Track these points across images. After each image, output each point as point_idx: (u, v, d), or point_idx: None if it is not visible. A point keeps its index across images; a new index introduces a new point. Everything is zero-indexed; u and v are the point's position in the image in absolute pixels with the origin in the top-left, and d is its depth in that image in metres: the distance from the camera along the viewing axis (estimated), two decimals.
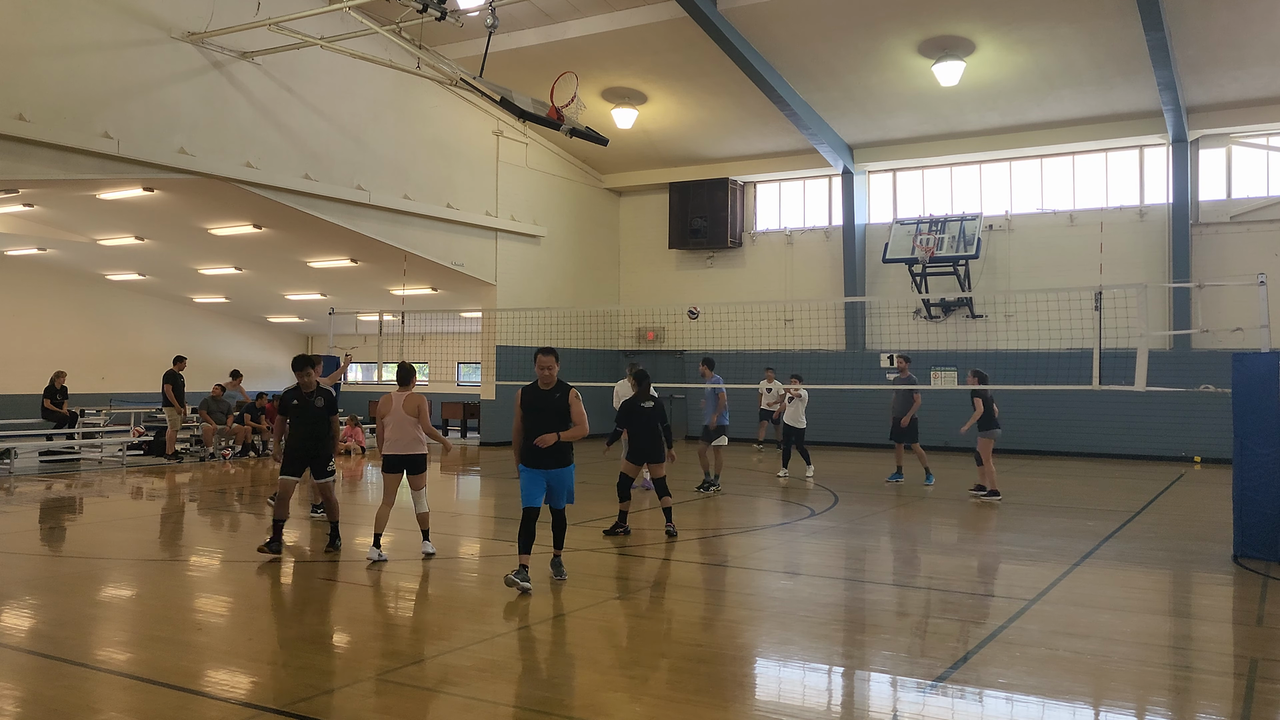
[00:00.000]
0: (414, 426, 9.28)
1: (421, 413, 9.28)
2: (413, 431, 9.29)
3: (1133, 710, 5.57)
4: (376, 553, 9.12)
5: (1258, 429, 9.50)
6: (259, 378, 30.57)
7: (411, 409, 9.27)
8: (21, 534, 10.94)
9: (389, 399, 9.33)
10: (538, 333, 23.00)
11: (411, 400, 9.30)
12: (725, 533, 11.24)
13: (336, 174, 18.80)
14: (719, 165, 24.80)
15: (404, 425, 9.26)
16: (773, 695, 5.82)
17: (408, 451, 9.30)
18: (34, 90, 14.32)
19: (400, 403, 9.29)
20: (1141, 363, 11.46)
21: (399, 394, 9.33)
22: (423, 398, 9.37)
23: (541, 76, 16.17)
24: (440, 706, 5.38)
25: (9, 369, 24.10)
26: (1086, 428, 20.62)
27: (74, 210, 20.55)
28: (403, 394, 9.34)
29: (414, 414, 9.26)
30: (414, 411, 9.27)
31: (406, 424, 9.26)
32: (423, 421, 9.30)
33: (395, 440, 9.29)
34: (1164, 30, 16.42)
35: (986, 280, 22.31)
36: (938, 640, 6.91)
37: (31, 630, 6.92)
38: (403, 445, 9.28)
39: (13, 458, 16.75)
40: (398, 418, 9.26)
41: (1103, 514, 12.64)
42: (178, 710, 5.29)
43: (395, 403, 9.30)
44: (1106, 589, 8.47)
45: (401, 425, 9.26)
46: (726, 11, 18.07)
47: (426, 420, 9.33)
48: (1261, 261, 18.35)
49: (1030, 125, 21.32)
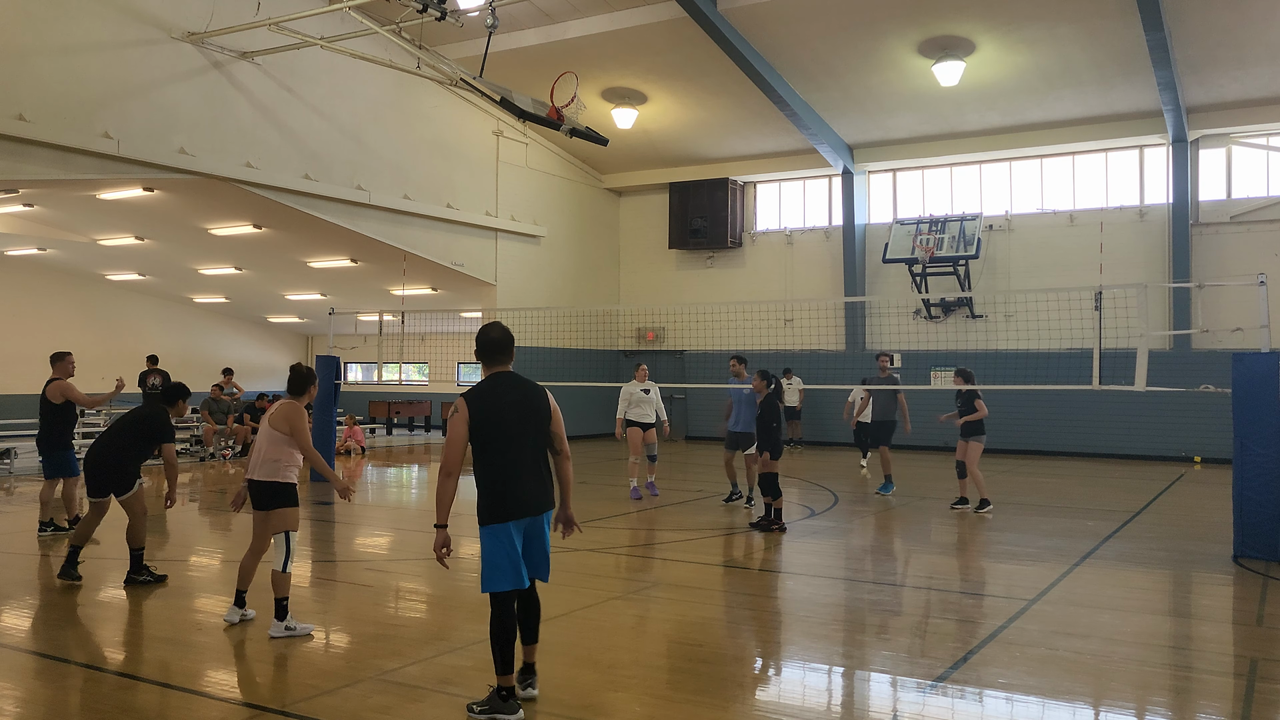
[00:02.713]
0: (280, 446, 6.82)
1: (296, 430, 6.82)
2: (276, 453, 6.83)
3: (1133, 710, 5.56)
4: (237, 613, 6.97)
5: (1258, 429, 9.51)
6: (259, 378, 30.59)
7: (281, 423, 6.82)
8: (21, 534, 10.94)
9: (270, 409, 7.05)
10: (538, 333, 22.98)
11: (283, 412, 6.86)
12: (725, 533, 11.24)
13: (336, 174, 18.80)
14: (719, 165, 24.80)
15: (270, 444, 6.84)
16: (773, 695, 5.82)
17: (266, 478, 6.81)
18: (34, 90, 14.32)
19: (269, 415, 6.92)
20: (1141, 363, 11.44)
21: (281, 404, 6.97)
22: (301, 410, 6.97)
23: (541, 76, 16.17)
24: (440, 706, 5.37)
25: (9, 369, 24.10)
26: (1086, 428, 20.62)
27: (74, 210, 20.54)
28: (287, 405, 6.94)
29: (284, 430, 6.82)
30: (283, 427, 6.82)
31: (272, 443, 6.83)
32: (298, 440, 6.84)
33: (254, 463, 6.89)
34: (1164, 30, 16.41)
35: (986, 280, 22.31)
36: (938, 640, 6.91)
37: (31, 630, 6.92)
38: (262, 470, 6.82)
39: (13, 458, 16.76)
40: (263, 433, 6.91)
41: (1103, 514, 12.63)
42: (178, 710, 5.29)
43: (267, 415, 6.96)
44: (1106, 589, 8.47)
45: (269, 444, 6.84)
46: (726, 11, 18.07)
47: (305, 439, 6.86)
48: (1261, 261, 18.36)
49: (1030, 125, 21.32)
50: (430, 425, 29.47)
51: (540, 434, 5.27)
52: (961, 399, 12.76)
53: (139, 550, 8.26)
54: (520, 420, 5.20)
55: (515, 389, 5.26)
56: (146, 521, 8.45)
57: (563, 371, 22.61)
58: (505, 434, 5.15)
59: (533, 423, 5.24)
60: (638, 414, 13.77)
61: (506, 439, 5.16)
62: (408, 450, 22.98)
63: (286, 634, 6.59)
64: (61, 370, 10.97)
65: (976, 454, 12.64)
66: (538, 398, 5.29)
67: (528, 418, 5.22)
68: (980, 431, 12.64)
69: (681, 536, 10.66)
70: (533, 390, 5.28)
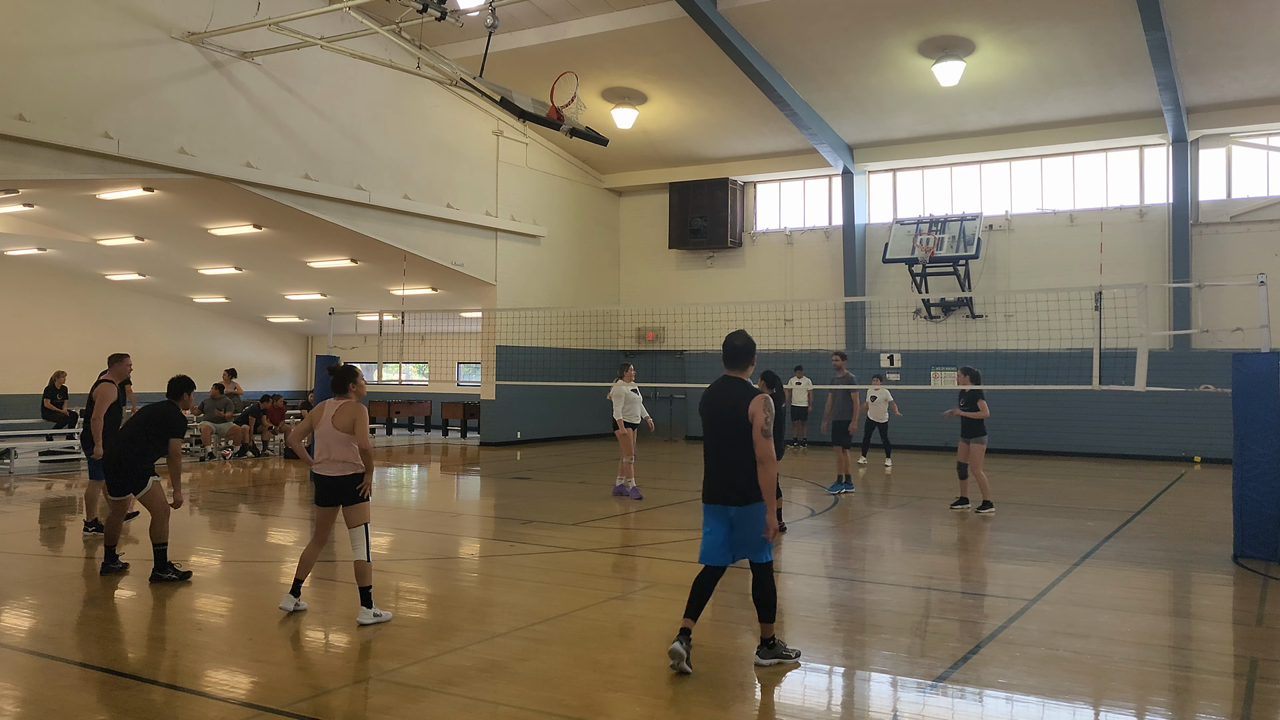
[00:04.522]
0: (348, 444, 7.12)
1: (359, 427, 7.12)
2: (344, 452, 7.13)
3: (1133, 710, 5.57)
4: (292, 601, 7.26)
5: (1258, 429, 9.51)
6: (259, 378, 30.61)
7: (346, 423, 7.13)
8: (21, 534, 10.94)
9: (320, 408, 7.31)
10: (538, 333, 23.01)
11: (348, 412, 7.17)
12: None
13: (336, 174, 18.80)
14: (719, 165, 24.80)
15: (336, 443, 7.14)
16: (773, 695, 5.82)
17: (341, 473, 7.11)
18: (34, 90, 14.31)
19: (332, 416, 7.19)
20: (1141, 363, 11.45)
21: (342, 406, 7.22)
22: (362, 409, 7.24)
23: (541, 76, 16.17)
24: (440, 706, 5.38)
25: (9, 369, 24.12)
26: (1086, 428, 20.62)
27: (74, 210, 20.54)
28: (349, 405, 7.23)
29: (347, 429, 7.12)
30: (347, 426, 7.12)
31: (339, 442, 7.14)
32: (359, 438, 7.12)
33: (323, 460, 7.17)
34: (1164, 30, 16.41)
35: (986, 280, 22.31)
36: (938, 640, 6.91)
37: (31, 630, 6.93)
38: (338, 467, 7.13)
39: (13, 458, 16.76)
40: (328, 433, 7.16)
41: (1103, 514, 12.64)
42: (178, 710, 5.29)
43: (326, 413, 7.22)
44: (1106, 589, 8.47)
45: (335, 443, 7.14)
46: (726, 11, 18.07)
47: (365, 439, 7.15)
48: (1261, 261, 18.36)
49: (1030, 125, 21.32)
50: (430, 425, 29.47)
51: (733, 432, 5.99)
52: (965, 397, 12.73)
53: (162, 546, 8.36)
54: (713, 418, 6.15)
55: (723, 391, 6.16)
56: (169, 518, 8.55)
57: (563, 371, 22.62)
58: (707, 429, 6.20)
59: (726, 421, 6.04)
60: (630, 414, 14.16)
61: (707, 434, 6.18)
62: (408, 450, 22.98)
63: (375, 620, 6.93)
64: (115, 373, 10.86)
65: (980, 455, 12.58)
66: (734, 400, 6.06)
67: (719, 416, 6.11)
68: (982, 432, 12.59)
69: (681, 536, 10.66)
70: (731, 395, 6.08)
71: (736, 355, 6.22)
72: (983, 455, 12.62)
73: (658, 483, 15.65)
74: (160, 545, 8.36)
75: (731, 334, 6.29)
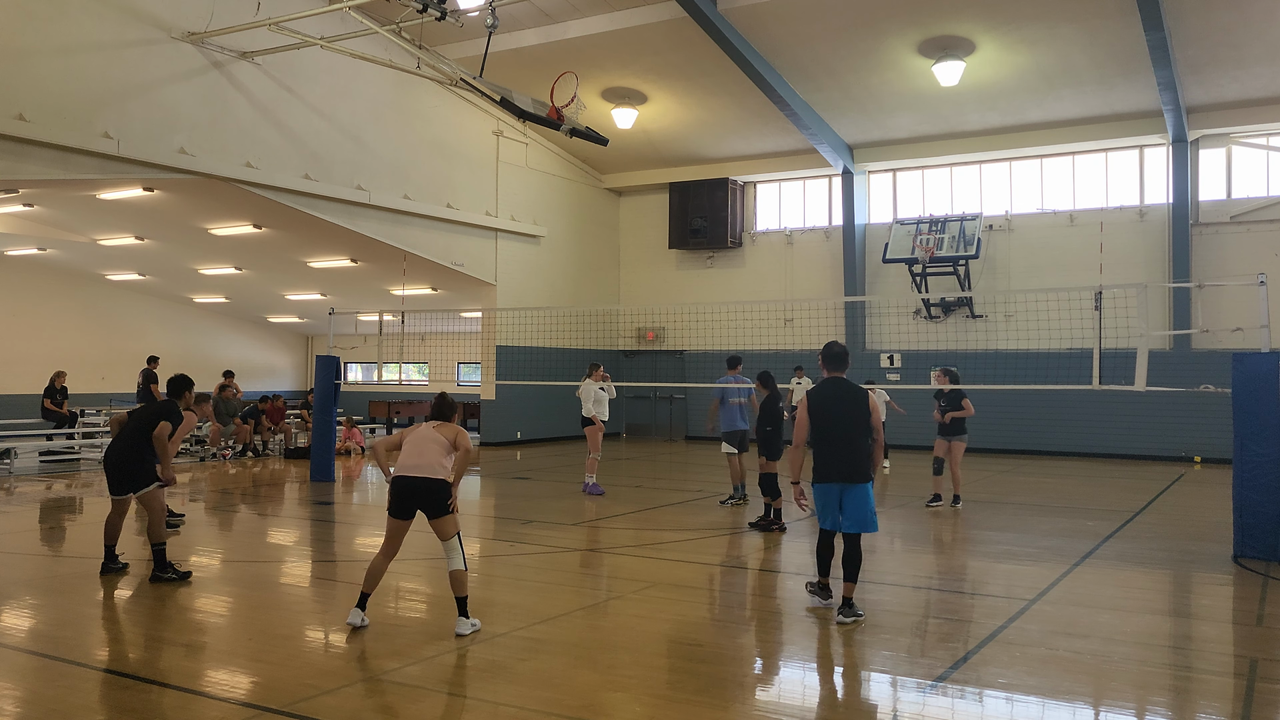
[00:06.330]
0: (446, 453, 6.98)
1: (460, 444, 7.04)
2: (437, 456, 6.92)
3: (1133, 710, 5.56)
4: (359, 615, 6.92)
5: (1258, 429, 9.51)
6: (259, 378, 30.62)
7: (452, 435, 7.07)
8: (21, 534, 10.94)
9: (415, 426, 7.23)
10: (538, 333, 23.01)
11: (453, 430, 7.12)
12: (724, 533, 11.24)
13: (336, 174, 18.80)
14: (719, 165, 24.80)
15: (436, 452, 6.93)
16: (773, 695, 5.82)
17: (425, 475, 6.83)
18: (34, 90, 14.32)
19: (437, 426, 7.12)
20: (1141, 363, 11.44)
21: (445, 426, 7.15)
22: (465, 431, 7.20)
23: (541, 76, 16.17)
24: (440, 706, 5.38)
25: (9, 369, 24.12)
26: (1086, 428, 20.62)
27: (74, 210, 20.55)
28: (439, 423, 7.17)
29: (449, 441, 7.04)
30: (451, 437, 7.05)
31: (432, 443, 6.97)
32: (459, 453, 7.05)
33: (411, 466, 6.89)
34: (1164, 30, 16.41)
35: (986, 280, 22.31)
36: (938, 640, 6.91)
37: (31, 630, 6.92)
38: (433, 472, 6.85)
39: (13, 458, 16.75)
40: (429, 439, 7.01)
41: (1103, 514, 12.64)
42: (178, 710, 5.29)
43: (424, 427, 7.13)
44: (1106, 589, 8.47)
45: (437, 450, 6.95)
46: (726, 11, 18.07)
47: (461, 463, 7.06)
48: (1261, 261, 18.36)
49: (1030, 125, 21.32)
50: None
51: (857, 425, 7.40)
52: (946, 397, 13.01)
53: (160, 546, 8.36)
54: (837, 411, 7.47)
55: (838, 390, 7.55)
56: (165, 518, 8.57)
57: (563, 371, 22.60)
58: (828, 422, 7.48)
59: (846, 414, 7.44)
60: (600, 411, 14.45)
61: (829, 425, 7.46)
62: None
63: (473, 629, 6.76)
64: (201, 410, 10.61)
65: (960, 453, 13.06)
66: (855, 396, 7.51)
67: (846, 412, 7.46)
68: (964, 430, 13.02)
69: (681, 536, 10.66)
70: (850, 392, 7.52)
71: (839, 359, 7.65)
72: (962, 453, 13.10)
73: (658, 483, 15.65)
74: (159, 545, 8.36)
75: (830, 342, 7.72)
